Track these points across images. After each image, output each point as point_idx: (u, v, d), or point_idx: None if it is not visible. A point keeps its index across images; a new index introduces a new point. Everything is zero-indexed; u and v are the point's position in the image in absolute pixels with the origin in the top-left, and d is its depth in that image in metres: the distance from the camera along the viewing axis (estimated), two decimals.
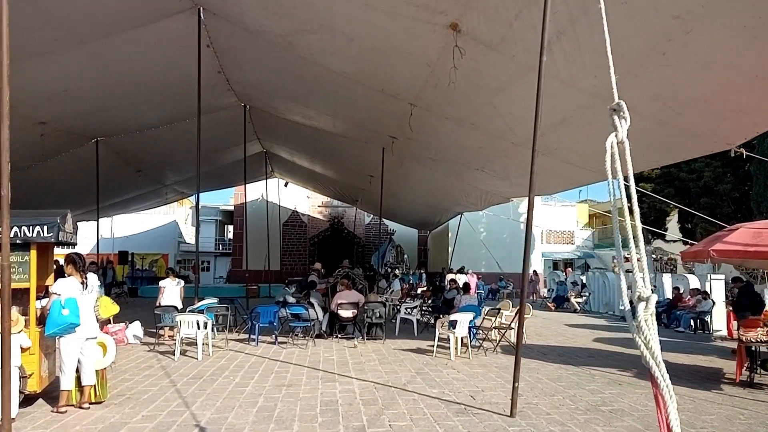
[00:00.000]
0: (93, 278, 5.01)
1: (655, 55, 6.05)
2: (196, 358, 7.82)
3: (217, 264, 36.93)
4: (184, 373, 6.85)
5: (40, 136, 11.90)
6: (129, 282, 24.53)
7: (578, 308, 17.23)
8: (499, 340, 8.93)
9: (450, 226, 23.74)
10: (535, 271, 22.96)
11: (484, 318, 9.01)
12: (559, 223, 32.39)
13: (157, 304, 9.55)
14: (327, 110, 12.56)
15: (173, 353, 7.94)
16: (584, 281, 18.17)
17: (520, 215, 24.88)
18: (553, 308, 17.21)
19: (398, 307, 12.26)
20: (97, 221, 16.50)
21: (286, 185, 26.32)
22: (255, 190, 26.49)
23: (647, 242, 19.40)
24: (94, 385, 5.10)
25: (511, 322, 8.99)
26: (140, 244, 28.44)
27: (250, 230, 27.55)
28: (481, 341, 8.95)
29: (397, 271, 20.88)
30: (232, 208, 31.61)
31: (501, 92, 8.08)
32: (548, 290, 20.90)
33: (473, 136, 10.31)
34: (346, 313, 9.59)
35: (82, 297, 4.77)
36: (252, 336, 9.30)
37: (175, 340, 7.96)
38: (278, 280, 25.24)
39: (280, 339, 9.37)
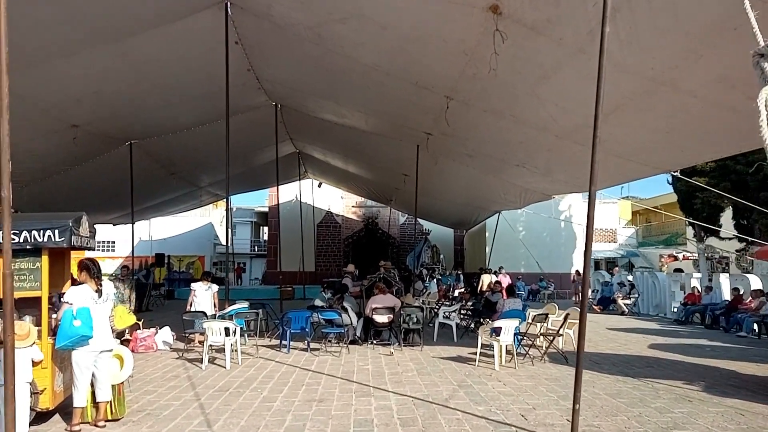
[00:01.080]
0: (108, 286, 4.66)
1: (726, 30, 5.35)
2: (225, 367, 7.52)
3: (253, 265, 37.09)
4: (211, 385, 6.55)
5: (73, 139, 11.83)
6: (167, 284, 24.72)
7: (626, 310, 16.32)
8: (547, 348, 8.32)
9: (487, 225, 23.04)
10: (577, 271, 22.03)
11: (529, 324, 8.39)
12: (601, 220, 31.23)
13: (187, 309, 9.32)
14: (359, 107, 12.11)
15: (202, 361, 7.63)
16: (632, 281, 17.21)
17: (561, 213, 23.96)
18: (598, 310, 16.36)
19: (435, 310, 11.72)
20: (132, 224, 16.49)
21: (319, 186, 26.08)
22: (289, 192, 26.36)
23: (700, 240, 18.31)
24: (110, 401, 4.76)
25: (560, 328, 8.36)
26: (177, 247, 28.69)
27: (285, 231, 27.52)
28: (527, 349, 8.35)
29: (435, 273, 20.30)
30: (266, 209, 31.59)
31: (545, 80, 7.46)
32: (592, 291, 19.96)
33: (513, 129, 9.70)
34: (382, 319, 9.13)
35: (95, 306, 4.43)
36: (283, 342, 8.93)
37: (203, 347, 7.63)
38: (313, 282, 25.02)
39: (312, 345, 9.00)
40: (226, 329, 7.49)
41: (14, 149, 11.31)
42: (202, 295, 9.55)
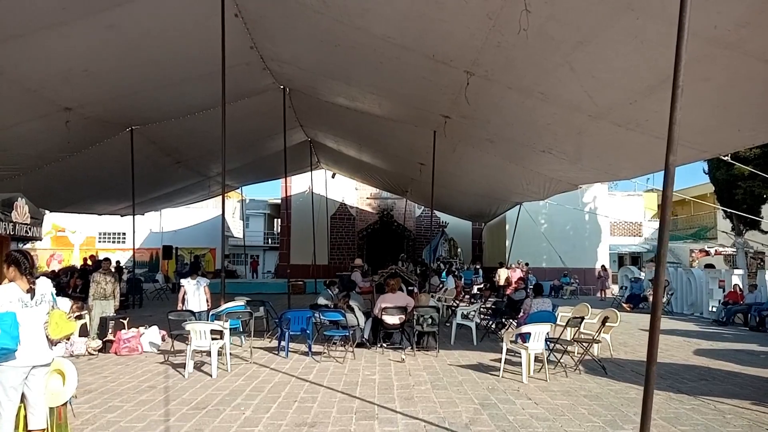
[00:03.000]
0: (45, 285, 3.76)
1: None
2: (211, 375, 6.66)
3: (267, 258, 36.44)
4: (187, 400, 5.67)
5: (66, 123, 11.09)
6: (177, 277, 24.11)
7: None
8: (582, 357, 7.32)
9: (507, 218, 21.99)
10: (603, 266, 20.94)
11: (563, 328, 7.38)
12: (625, 213, 29.94)
13: (178, 307, 8.55)
14: (371, 88, 11.17)
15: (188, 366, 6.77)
16: (667, 278, 16.06)
17: (585, 205, 22.81)
18: (628, 309, 15.28)
19: (453, 308, 10.77)
20: (133, 216, 15.80)
21: (333, 176, 25.25)
22: (302, 183, 25.56)
23: (738, 233, 17.07)
24: (47, 429, 3.82)
25: (597, 333, 7.36)
26: (188, 238, 28.12)
27: (298, 223, 26.77)
28: (558, 357, 7.35)
29: (452, 267, 19.33)
30: (280, 201, 30.86)
31: (583, 46, 6.44)
32: (620, 288, 18.85)
33: (541, 108, 8.69)
34: (392, 320, 8.20)
35: (25, 311, 3.53)
36: (282, 345, 8.07)
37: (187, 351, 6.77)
38: (326, 275, 24.22)
39: (315, 348, 8.14)
40: (212, 332, 6.63)
41: (2, 133, 10.50)
42: (192, 292, 8.75)
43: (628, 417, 5.10)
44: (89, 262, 19.23)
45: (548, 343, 6.81)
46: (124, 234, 29.85)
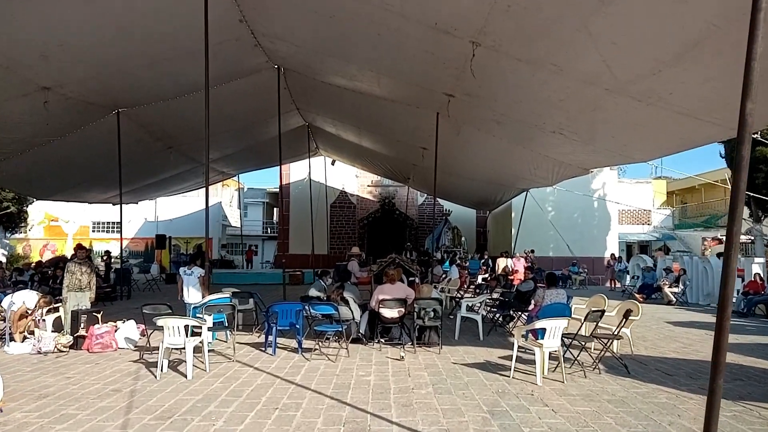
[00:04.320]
0: None
1: None
2: (186, 376, 5.98)
3: (266, 248, 35.83)
4: (152, 407, 4.95)
5: (44, 103, 10.42)
6: (174, 267, 23.54)
7: (673, 300, 14.53)
8: (602, 355, 6.63)
9: (513, 205, 21.32)
10: (613, 254, 20.23)
11: (581, 323, 6.68)
12: (633, 201, 29.19)
13: (179, 297, 7.96)
14: (369, 64, 10.44)
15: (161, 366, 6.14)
16: (683, 267, 15.33)
17: (594, 191, 22.05)
18: (641, 300, 14.60)
19: (457, 300, 10.10)
20: (120, 203, 15.18)
21: (333, 163, 24.55)
22: (301, 170, 24.89)
23: (757, 220, 16.33)
24: None
25: (617, 328, 6.66)
26: (183, 228, 27.50)
27: (297, 212, 26.12)
28: (575, 354, 6.64)
29: (455, 257, 18.64)
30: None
31: (604, 7, 5.71)
32: (632, 277, 18.16)
33: (553, 83, 7.97)
34: (391, 313, 7.52)
35: None
36: (269, 341, 7.43)
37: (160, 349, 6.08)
38: (326, 265, 23.61)
39: (306, 344, 7.47)
40: (186, 327, 5.97)
41: None
42: (186, 281, 8.13)
43: (662, 428, 4.41)
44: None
45: (564, 339, 6.10)
46: (118, 223, 29.19)
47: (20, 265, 15.36)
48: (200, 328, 6.27)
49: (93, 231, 29.57)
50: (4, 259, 21.33)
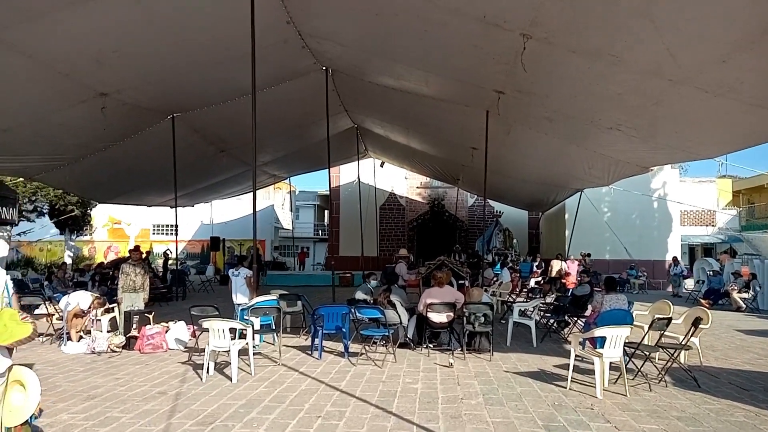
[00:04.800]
0: None
1: None
2: (231, 380, 5.96)
3: (317, 250, 36.17)
4: (195, 412, 4.90)
5: (102, 109, 10.76)
6: (227, 269, 24.04)
7: (743, 306, 13.61)
8: (668, 365, 6.16)
9: (567, 206, 20.57)
10: (675, 257, 19.20)
11: (645, 332, 6.20)
12: (696, 201, 27.74)
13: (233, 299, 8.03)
14: (417, 62, 10.26)
15: (208, 369, 6.15)
16: (754, 272, 14.35)
17: (654, 191, 21.02)
18: (707, 306, 13.75)
19: (509, 304, 9.74)
20: (175, 206, 15.54)
21: (381, 165, 24.47)
22: (351, 172, 24.91)
23: None
24: None
25: (685, 337, 6.18)
26: (238, 230, 28.07)
27: (347, 215, 26.18)
28: (638, 366, 6.11)
29: (507, 259, 18.15)
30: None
31: None
32: (696, 282, 17.17)
33: (611, 76, 7.56)
34: (439, 318, 7.28)
35: None
36: (315, 344, 7.33)
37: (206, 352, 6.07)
38: (375, 268, 23.55)
39: (353, 348, 7.32)
40: (232, 330, 5.94)
41: (43, 121, 10.16)
42: (234, 282, 8.17)
43: None
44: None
45: (626, 348, 5.65)
46: (177, 226, 30.19)
47: (82, 266, 15.98)
48: (246, 330, 6.24)
49: (153, 233, 30.68)
50: (69, 261, 22.42)
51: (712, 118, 7.80)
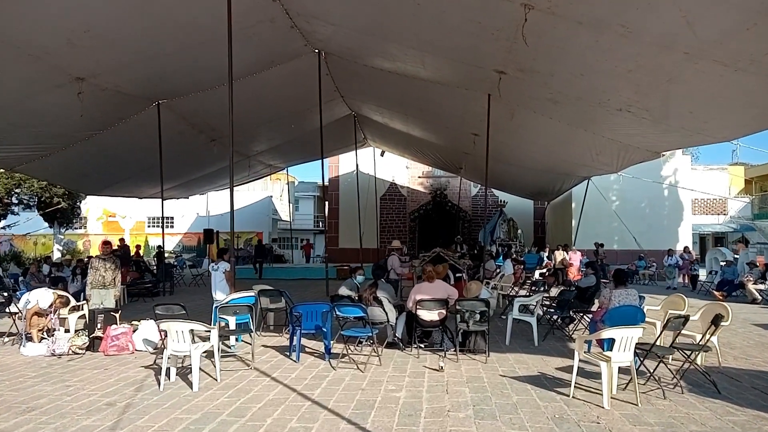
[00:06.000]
0: None
1: None
2: (192, 388, 5.31)
3: (318, 242, 35.62)
4: (141, 427, 4.26)
5: (78, 94, 10.17)
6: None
7: (759, 298, 12.92)
8: (684, 368, 5.43)
9: (573, 195, 19.91)
10: (686, 247, 18.48)
11: (660, 332, 5.51)
12: (707, 188, 26.97)
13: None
14: (411, 41, 9.60)
15: (170, 374, 5.56)
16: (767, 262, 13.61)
17: (665, 178, 20.27)
18: (721, 297, 13.08)
19: (510, 298, 9.10)
20: (162, 198, 14.99)
21: (382, 155, 23.81)
22: (350, 162, 24.29)
23: None
24: None
25: (704, 337, 5.52)
26: (235, 222, 27.43)
27: (346, 205, 25.57)
28: (650, 370, 5.38)
29: (510, 250, 17.47)
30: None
31: None
32: (709, 273, 16.48)
33: (620, 50, 6.88)
34: (430, 315, 6.64)
35: None
36: (294, 345, 6.70)
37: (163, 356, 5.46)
38: (376, 260, 22.97)
39: (335, 349, 6.69)
40: (192, 332, 5.32)
41: (15, 108, 9.48)
42: (213, 278, 7.60)
43: None
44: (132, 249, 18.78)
45: (637, 348, 4.94)
46: (172, 218, 29.75)
47: (62, 260, 15.45)
48: (208, 333, 5.59)
49: (149, 226, 30.23)
50: (58, 254, 21.94)
51: (732, 96, 7.13)
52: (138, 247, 17.42)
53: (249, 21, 9.62)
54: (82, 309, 7.69)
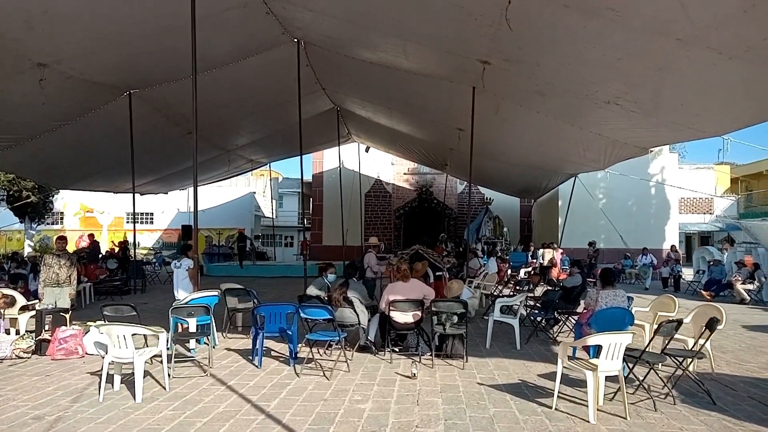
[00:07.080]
0: None
1: None
2: (135, 399, 4.79)
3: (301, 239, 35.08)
4: None
5: (39, 81, 9.61)
6: (206, 259, 22.95)
7: (747, 298, 12.67)
8: (676, 376, 5.08)
9: (560, 193, 19.59)
10: (673, 246, 18.26)
11: (651, 338, 5.12)
12: (693, 188, 26.90)
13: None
14: (392, 29, 9.18)
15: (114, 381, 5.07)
16: (757, 261, 13.37)
17: (652, 176, 20.02)
18: (709, 297, 12.82)
19: (493, 297, 8.70)
20: (133, 193, 14.43)
21: (367, 150, 23.36)
22: (335, 157, 23.79)
23: None
24: None
25: (697, 343, 5.16)
26: (216, 218, 26.90)
27: (330, 202, 25.07)
28: (639, 378, 5.00)
29: (496, 248, 17.12)
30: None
31: None
32: (696, 272, 16.25)
33: (610, 36, 6.52)
34: (404, 317, 6.21)
35: None
36: (256, 350, 6.20)
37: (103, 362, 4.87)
38: (361, 257, 22.54)
39: (302, 353, 6.25)
40: (135, 336, 4.83)
41: None
42: (175, 275, 7.13)
43: None
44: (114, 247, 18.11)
45: (626, 355, 4.53)
46: (151, 214, 29.04)
47: (27, 257, 14.82)
48: (156, 338, 5.09)
49: (127, 222, 29.48)
50: (29, 249, 21.22)
51: (726, 87, 6.79)
52: (123, 243, 16.72)
53: (220, 5, 9.13)
54: (34, 309, 7.18)
